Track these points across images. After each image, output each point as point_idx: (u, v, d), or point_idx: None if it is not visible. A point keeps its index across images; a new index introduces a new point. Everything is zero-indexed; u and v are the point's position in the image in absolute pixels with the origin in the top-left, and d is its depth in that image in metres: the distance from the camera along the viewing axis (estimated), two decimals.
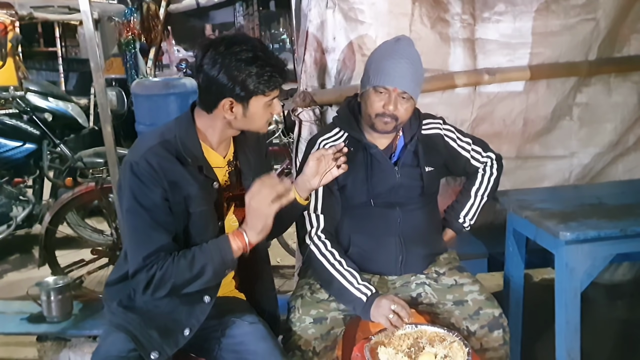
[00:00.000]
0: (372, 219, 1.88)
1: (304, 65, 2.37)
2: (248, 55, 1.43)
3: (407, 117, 1.83)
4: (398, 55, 1.79)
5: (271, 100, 1.52)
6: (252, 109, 1.49)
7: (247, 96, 1.47)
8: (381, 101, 1.78)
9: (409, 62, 1.79)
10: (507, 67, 2.45)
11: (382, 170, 1.87)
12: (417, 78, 1.81)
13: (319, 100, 2.35)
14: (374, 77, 1.79)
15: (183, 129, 1.54)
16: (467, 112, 2.49)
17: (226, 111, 1.49)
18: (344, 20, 2.31)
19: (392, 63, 1.77)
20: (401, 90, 1.76)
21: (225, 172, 1.62)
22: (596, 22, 2.43)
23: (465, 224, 2.03)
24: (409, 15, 2.33)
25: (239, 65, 1.43)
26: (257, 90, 1.46)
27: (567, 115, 2.58)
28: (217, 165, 1.58)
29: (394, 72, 1.76)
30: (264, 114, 1.53)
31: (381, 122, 1.80)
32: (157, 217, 1.46)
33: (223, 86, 1.44)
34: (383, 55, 1.83)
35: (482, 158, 2.01)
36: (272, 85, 1.48)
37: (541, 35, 2.44)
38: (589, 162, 2.61)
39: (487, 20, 2.43)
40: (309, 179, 1.68)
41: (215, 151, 1.59)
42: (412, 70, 1.78)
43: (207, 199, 1.54)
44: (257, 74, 1.44)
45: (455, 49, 2.43)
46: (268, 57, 1.47)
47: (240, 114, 1.50)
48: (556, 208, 1.89)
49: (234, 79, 1.43)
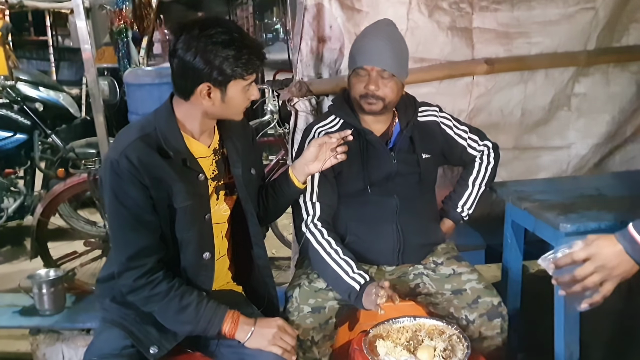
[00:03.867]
0: (369, 207, 1.86)
1: (299, 55, 2.34)
2: (224, 38, 1.39)
3: (395, 96, 1.80)
4: (374, 35, 1.79)
5: (249, 84, 1.47)
6: (230, 93, 1.45)
7: (225, 80, 1.42)
8: (362, 82, 1.77)
9: (386, 41, 1.77)
10: (505, 57, 2.43)
11: (378, 156, 1.85)
12: (396, 56, 1.78)
13: (315, 90, 2.32)
14: (353, 60, 1.80)
15: (163, 120, 1.49)
16: (464, 102, 2.47)
17: (204, 97, 1.44)
18: (340, 9, 2.28)
19: (369, 43, 1.78)
20: (380, 68, 1.74)
21: (212, 161, 1.58)
22: (595, 11, 2.40)
23: (463, 213, 2.01)
24: (407, 4, 2.31)
25: (214, 49, 1.38)
26: (235, 74, 1.42)
27: (565, 106, 2.57)
28: (201, 155, 1.54)
29: (370, 51, 1.75)
30: (242, 100, 1.49)
31: (366, 103, 1.79)
32: (139, 217, 1.42)
33: (199, 71, 1.40)
34: (361, 37, 1.84)
35: (478, 146, 2.00)
36: (250, 68, 1.44)
37: (540, 24, 2.42)
38: (586, 153, 2.60)
39: (485, 9, 2.40)
40: (308, 164, 1.67)
41: (198, 140, 1.54)
42: (389, 48, 1.77)
43: (192, 193, 1.49)
44: (234, 57, 1.40)
45: (453, 38, 2.40)
46: (244, 39, 1.43)
47: (219, 99, 1.45)
48: (555, 199, 1.87)
49: (210, 63, 1.39)
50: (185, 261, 1.52)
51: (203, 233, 1.54)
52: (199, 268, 1.54)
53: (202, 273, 1.55)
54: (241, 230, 1.67)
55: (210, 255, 1.55)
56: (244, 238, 1.67)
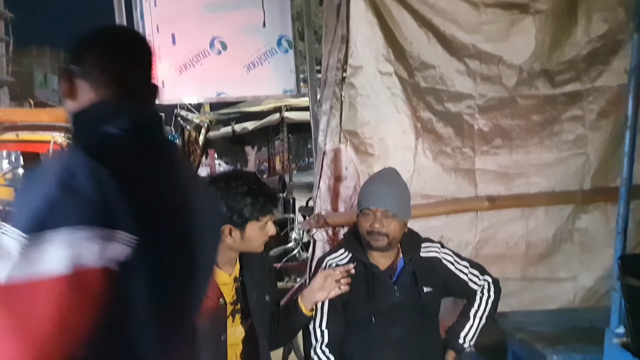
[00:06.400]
0: (373, 335, 2.00)
1: (318, 192, 2.62)
2: (243, 189, 1.72)
3: (398, 233, 2.01)
4: (379, 181, 2.07)
5: (264, 224, 1.76)
6: (249, 232, 1.75)
7: (244, 222, 1.73)
8: (368, 221, 1.99)
9: (389, 186, 2.04)
10: (505, 195, 2.65)
11: (383, 288, 2.03)
12: (399, 198, 2.03)
13: (331, 222, 2.56)
14: (360, 202, 2.05)
15: None
16: (470, 235, 2.66)
17: (226, 236, 1.73)
18: (354, 153, 2.59)
19: (374, 187, 2.04)
20: (384, 209, 1.98)
21: (232, 287, 1.82)
22: (587, 156, 2.64)
23: (465, 344, 2.12)
24: (413, 149, 2.60)
25: (235, 197, 1.71)
26: (252, 217, 1.73)
27: (568, 240, 2.71)
28: (223, 282, 1.79)
29: (375, 194, 2.00)
30: (259, 236, 1.78)
31: (372, 239, 2.00)
32: None
33: (223, 214, 1.70)
34: (368, 182, 2.12)
35: (479, 281, 2.14)
36: (264, 211, 1.75)
37: (536, 166, 2.66)
38: (592, 285, 2.68)
39: (485, 153, 2.67)
40: (315, 293, 1.88)
41: (221, 270, 1.80)
42: (392, 192, 2.02)
43: (212, 316, 1.71)
44: (251, 204, 1.72)
45: (457, 178, 2.65)
46: (260, 189, 1.76)
47: (239, 237, 1.74)
48: (548, 330, 1.98)
49: (232, 208, 1.71)
50: None
51: (218, 352, 1.73)
52: None
53: None
54: (254, 351, 1.84)
55: None
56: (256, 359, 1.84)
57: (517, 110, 2.67)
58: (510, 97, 2.67)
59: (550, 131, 2.67)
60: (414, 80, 2.61)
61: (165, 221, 1.03)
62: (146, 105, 1.13)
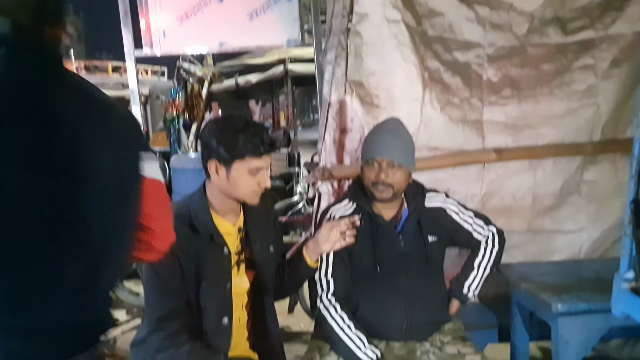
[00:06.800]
0: (378, 285, 2.02)
1: (324, 144, 2.59)
2: (238, 125, 1.65)
3: (403, 184, 2.00)
4: (383, 131, 2.03)
5: (255, 169, 1.68)
6: (234, 173, 1.66)
7: (229, 159, 1.65)
8: (373, 172, 1.98)
9: (394, 135, 2.00)
10: (513, 147, 2.61)
11: (387, 238, 2.03)
12: (403, 148, 2.00)
13: (336, 175, 2.55)
14: (365, 152, 2.02)
15: (195, 200, 1.76)
16: (477, 187, 2.64)
17: (213, 173, 1.68)
18: (360, 105, 2.54)
19: (379, 137, 2.00)
20: (388, 160, 1.95)
21: (237, 237, 1.81)
22: (597, 106, 2.58)
23: (469, 294, 2.13)
24: (420, 100, 2.54)
25: (227, 132, 1.65)
26: (236, 154, 1.64)
27: (575, 192, 2.68)
28: (227, 232, 1.78)
29: (380, 144, 1.98)
30: (248, 182, 1.68)
31: (377, 191, 1.98)
32: (170, 284, 1.65)
33: (211, 148, 1.66)
34: (372, 133, 2.07)
35: (484, 231, 2.14)
36: (252, 151, 1.64)
37: (545, 117, 2.61)
38: (598, 237, 2.68)
39: (494, 104, 2.62)
40: (320, 244, 1.87)
41: (224, 219, 1.79)
42: (397, 142, 1.99)
43: (217, 265, 1.73)
44: (242, 141, 1.63)
45: (464, 130, 2.61)
46: (257, 130, 1.67)
47: (224, 177, 1.68)
48: (554, 281, 1.98)
49: (220, 141, 1.64)
50: (206, 325, 1.71)
51: (223, 300, 1.75)
52: (218, 332, 1.73)
53: (221, 336, 1.74)
54: (260, 302, 1.86)
55: (228, 320, 1.75)
56: (262, 310, 1.86)
57: (527, 60, 2.60)
58: (521, 46, 2.59)
59: (561, 81, 2.60)
60: (422, 28, 2.53)
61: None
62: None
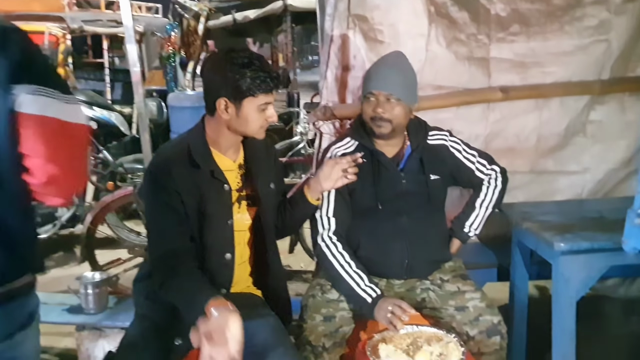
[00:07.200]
0: (380, 223, 2.00)
1: (325, 82, 2.53)
2: (243, 60, 1.60)
3: (403, 120, 1.96)
4: (384, 65, 1.97)
5: (264, 105, 1.66)
6: (245, 110, 1.64)
7: (240, 96, 1.62)
8: (371, 106, 1.93)
9: (394, 69, 1.95)
10: (520, 86, 2.55)
11: (389, 176, 2.01)
12: (403, 83, 1.95)
13: (338, 114, 2.50)
14: (364, 86, 1.97)
15: (195, 137, 1.72)
16: (481, 127, 2.60)
17: (222, 111, 1.65)
18: (363, 40, 2.46)
19: (379, 71, 1.95)
20: (387, 93, 1.90)
21: (237, 174, 1.79)
22: (609, 43, 2.50)
23: (470, 233, 2.13)
24: (426, 36, 2.46)
25: (233, 68, 1.60)
26: (248, 92, 1.61)
27: (580, 132, 2.65)
28: (227, 168, 1.75)
29: (379, 78, 1.93)
30: (257, 118, 1.67)
31: (375, 126, 1.95)
32: (173, 219, 1.64)
33: (219, 86, 1.62)
34: (373, 66, 2.02)
35: (486, 170, 2.12)
36: (263, 88, 1.62)
37: (554, 55, 2.53)
38: (602, 178, 2.66)
39: (501, 40, 2.53)
40: (321, 182, 1.85)
41: (225, 155, 1.76)
42: (396, 75, 1.93)
43: (218, 201, 1.71)
44: (250, 77, 1.60)
45: (470, 67, 2.54)
46: (262, 64, 1.63)
47: (234, 114, 1.65)
48: (556, 220, 1.97)
49: (228, 79, 1.60)
50: (209, 261, 1.72)
51: (225, 236, 1.74)
52: (220, 268, 1.74)
53: (223, 272, 1.75)
54: (261, 239, 1.86)
55: (231, 256, 1.75)
56: (264, 247, 1.86)
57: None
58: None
59: (572, 16, 2.50)
60: None
61: None
62: None
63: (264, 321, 1.73)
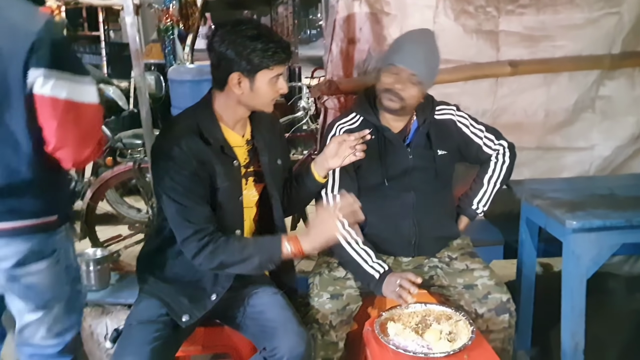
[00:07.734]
0: (387, 200, 1.98)
1: (330, 55, 2.46)
2: (252, 32, 1.56)
3: (413, 102, 1.92)
4: (416, 41, 1.92)
5: (276, 76, 1.62)
6: (258, 83, 1.60)
7: (253, 70, 1.58)
8: (391, 78, 1.89)
9: (424, 49, 1.90)
10: (529, 60, 2.50)
11: (395, 152, 1.97)
12: (429, 65, 1.90)
13: (343, 89, 2.44)
14: (390, 56, 1.92)
15: (202, 112, 1.68)
16: (489, 102, 2.55)
17: (235, 86, 1.60)
18: (370, 12, 2.39)
19: (409, 46, 1.90)
20: (411, 72, 1.86)
21: (245, 150, 1.75)
22: (620, 16, 2.44)
23: (478, 210, 2.10)
24: (433, 8, 2.39)
25: (244, 41, 1.55)
26: (262, 64, 1.58)
27: (589, 108, 2.60)
28: (236, 144, 1.72)
29: (408, 53, 1.87)
30: (270, 91, 1.63)
31: (386, 98, 1.90)
32: (193, 192, 1.61)
33: (231, 60, 1.57)
34: (404, 39, 1.96)
35: (494, 145, 2.08)
36: (276, 60, 1.59)
37: (564, 28, 2.47)
38: (609, 154, 2.63)
39: (511, 13, 2.47)
40: (328, 159, 1.81)
41: (233, 130, 1.72)
42: (425, 57, 1.89)
43: (229, 176, 1.68)
44: (261, 49, 1.56)
45: (478, 41, 2.48)
46: (271, 35, 1.59)
47: (248, 88, 1.61)
48: (566, 197, 1.95)
49: (240, 54, 1.56)
50: None
51: (236, 212, 1.72)
52: None
53: None
54: (267, 216, 1.83)
55: (241, 233, 1.73)
56: (270, 223, 1.83)
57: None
58: None
59: None
60: None
61: None
62: None
63: (274, 299, 1.72)
